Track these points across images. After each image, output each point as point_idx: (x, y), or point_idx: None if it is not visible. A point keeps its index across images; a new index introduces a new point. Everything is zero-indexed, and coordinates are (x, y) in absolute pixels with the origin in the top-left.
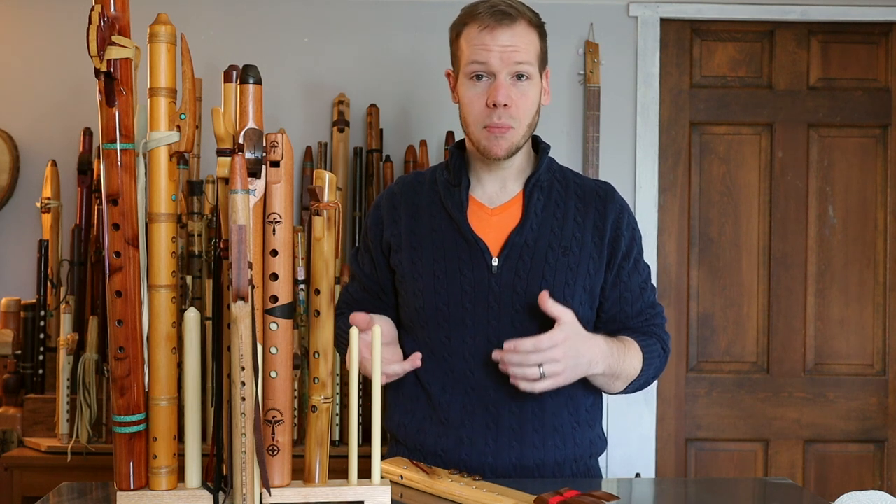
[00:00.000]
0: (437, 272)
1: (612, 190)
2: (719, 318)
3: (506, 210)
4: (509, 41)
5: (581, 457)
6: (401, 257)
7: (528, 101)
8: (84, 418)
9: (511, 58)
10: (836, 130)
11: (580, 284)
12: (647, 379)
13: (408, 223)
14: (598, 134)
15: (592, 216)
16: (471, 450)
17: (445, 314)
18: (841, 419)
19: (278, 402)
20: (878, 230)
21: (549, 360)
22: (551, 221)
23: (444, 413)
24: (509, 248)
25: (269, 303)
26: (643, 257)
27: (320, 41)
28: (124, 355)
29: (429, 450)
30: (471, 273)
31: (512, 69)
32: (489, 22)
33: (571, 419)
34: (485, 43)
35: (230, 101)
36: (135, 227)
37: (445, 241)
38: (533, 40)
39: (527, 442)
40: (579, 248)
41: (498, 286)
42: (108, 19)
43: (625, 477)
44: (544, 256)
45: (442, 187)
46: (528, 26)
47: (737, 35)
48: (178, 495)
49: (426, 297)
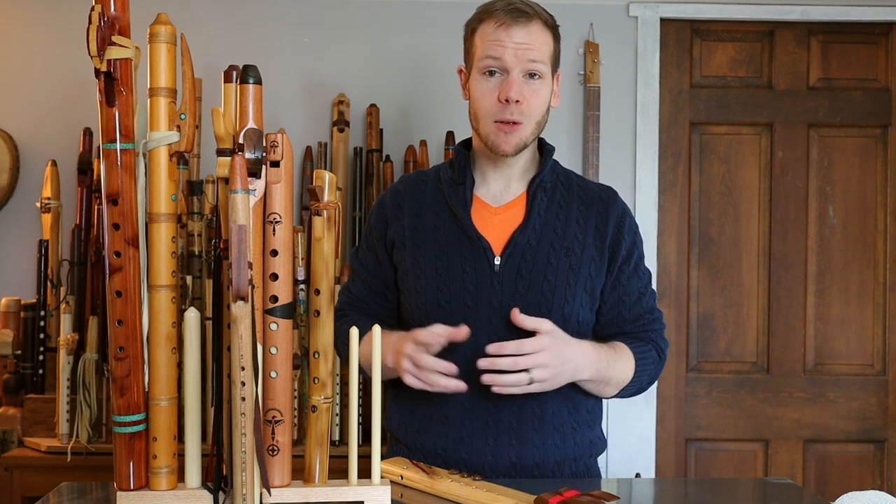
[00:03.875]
0: (439, 270)
1: (614, 194)
2: (719, 318)
3: (509, 209)
4: (524, 39)
5: (580, 456)
6: (404, 254)
7: (539, 99)
8: (84, 418)
9: (525, 55)
10: (836, 130)
11: (581, 285)
12: (642, 385)
13: (411, 221)
14: (598, 134)
15: (594, 219)
16: (471, 448)
17: (447, 312)
18: (841, 419)
19: (278, 402)
20: (878, 230)
21: (537, 365)
22: (554, 222)
23: (444, 411)
24: (512, 248)
25: (269, 303)
26: (644, 263)
27: (320, 41)
28: (124, 355)
29: (429, 448)
30: (473, 271)
31: (525, 66)
32: (505, 19)
33: (571, 419)
34: (500, 39)
35: (230, 101)
36: (135, 227)
37: (448, 239)
38: (548, 41)
39: (526, 441)
40: (581, 250)
41: (500, 285)
42: (108, 19)
43: (625, 477)
44: (546, 257)
45: (446, 185)
46: (543, 26)
47: (737, 35)
48: (178, 495)
49: (428, 294)
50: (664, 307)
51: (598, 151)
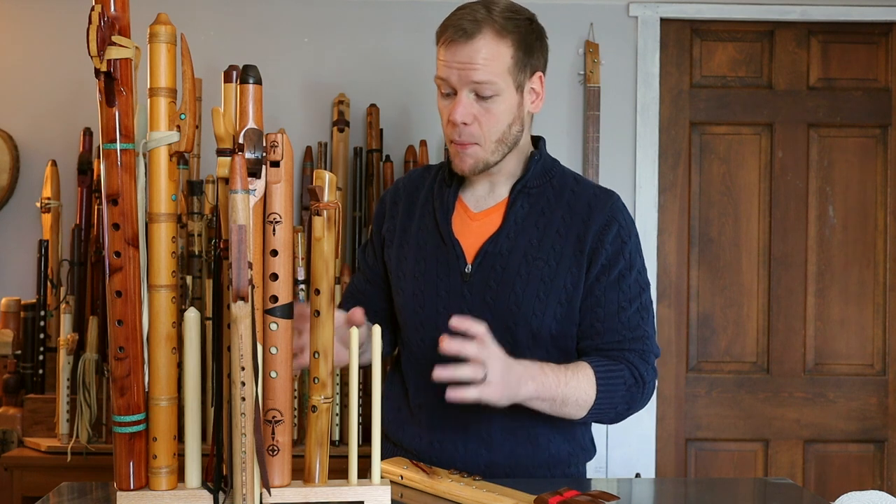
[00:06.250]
0: (416, 273)
1: (606, 199)
2: (719, 318)
3: (488, 216)
4: (467, 58)
5: (557, 464)
6: (391, 253)
7: (492, 118)
8: (84, 418)
9: (469, 76)
10: (836, 130)
11: (554, 298)
12: (618, 409)
13: (402, 220)
14: (598, 134)
15: (577, 227)
16: (441, 453)
17: (422, 317)
18: (841, 419)
19: (278, 402)
20: (878, 230)
21: (490, 357)
22: (531, 231)
23: (417, 414)
24: (482, 256)
25: (269, 303)
26: (636, 275)
27: (320, 41)
28: (124, 355)
29: (407, 447)
30: (447, 278)
31: (471, 87)
32: (451, 36)
33: (546, 429)
34: (446, 59)
35: (230, 101)
36: (135, 227)
37: (429, 243)
38: (500, 52)
39: (496, 448)
40: (556, 261)
41: (469, 294)
42: (108, 19)
43: (625, 477)
44: (517, 268)
45: (437, 186)
46: (494, 38)
47: (737, 35)
48: (178, 495)
49: (405, 297)
50: (664, 307)
51: (598, 151)
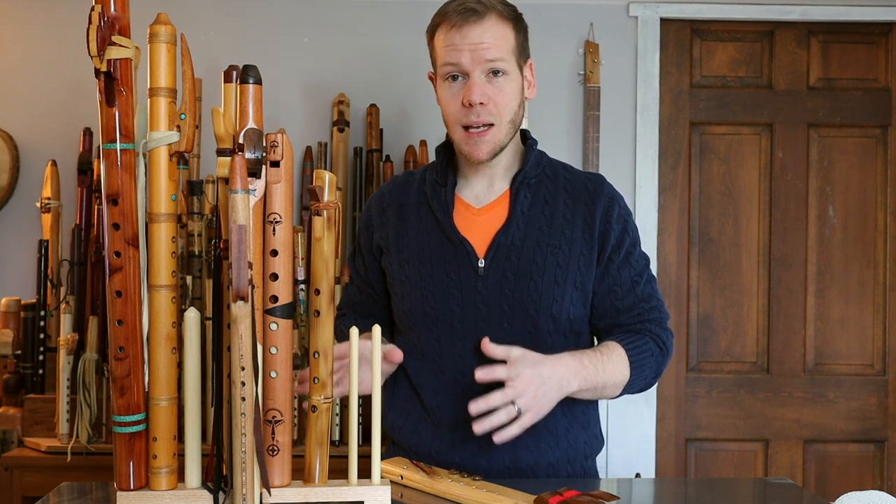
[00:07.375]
0: (423, 275)
1: (601, 182)
2: (719, 318)
3: (492, 209)
4: (479, 38)
5: (576, 458)
6: (390, 259)
7: (505, 96)
8: (84, 418)
9: (482, 55)
10: (836, 130)
11: (570, 282)
12: (647, 380)
13: (396, 225)
14: (598, 134)
15: (582, 211)
16: (464, 452)
17: (433, 318)
18: (841, 419)
19: (278, 402)
20: (878, 230)
21: (518, 394)
22: (539, 219)
23: (436, 415)
24: (495, 249)
25: (269, 303)
26: (638, 249)
27: (320, 41)
28: (124, 355)
29: (423, 451)
30: (457, 275)
31: (485, 67)
32: (457, 20)
33: (565, 420)
34: (454, 43)
35: (230, 101)
36: (135, 227)
37: (432, 243)
38: (506, 34)
39: (520, 443)
40: (569, 246)
41: (485, 288)
42: (108, 19)
43: (625, 477)
44: (532, 256)
45: (429, 187)
46: (499, 20)
47: (737, 35)
48: (178, 495)
49: (413, 300)
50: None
51: (598, 151)
